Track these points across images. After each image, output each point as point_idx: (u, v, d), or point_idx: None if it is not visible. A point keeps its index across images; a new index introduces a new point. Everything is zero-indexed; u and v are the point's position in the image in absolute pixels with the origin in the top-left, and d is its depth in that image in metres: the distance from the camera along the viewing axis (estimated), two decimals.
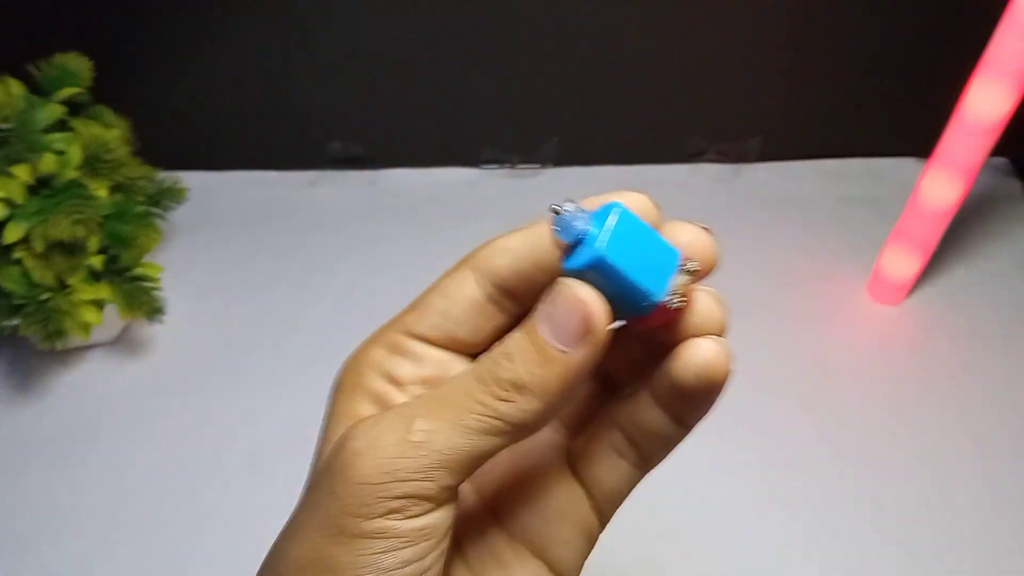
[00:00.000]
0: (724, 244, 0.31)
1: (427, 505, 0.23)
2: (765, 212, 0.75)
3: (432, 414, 0.23)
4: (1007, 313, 0.67)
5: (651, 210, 0.24)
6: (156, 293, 0.60)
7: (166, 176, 0.65)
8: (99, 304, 0.59)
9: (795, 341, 0.65)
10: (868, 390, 0.62)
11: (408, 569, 0.23)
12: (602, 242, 0.22)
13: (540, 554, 0.28)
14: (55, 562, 0.53)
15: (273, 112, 0.76)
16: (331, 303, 0.68)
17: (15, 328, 0.57)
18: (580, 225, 0.23)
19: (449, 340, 0.26)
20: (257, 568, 0.29)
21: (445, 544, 0.24)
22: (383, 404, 0.26)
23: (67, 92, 0.58)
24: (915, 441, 0.59)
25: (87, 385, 0.63)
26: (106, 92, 0.61)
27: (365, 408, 0.26)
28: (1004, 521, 0.55)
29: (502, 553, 0.27)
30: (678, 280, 0.23)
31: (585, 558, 0.29)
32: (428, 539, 0.23)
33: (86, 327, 0.58)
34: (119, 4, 0.68)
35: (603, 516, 0.28)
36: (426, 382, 0.26)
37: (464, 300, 0.26)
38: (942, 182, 0.60)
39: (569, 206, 0.23)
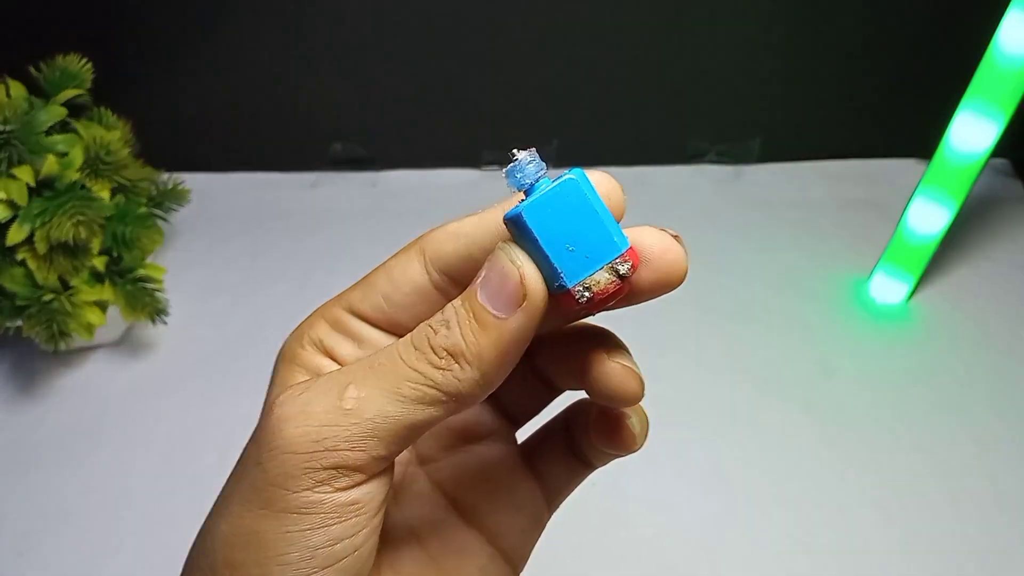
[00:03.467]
0: (725, 245, 0.31)
1: (358, 477, 0.22)
2: (765, 213, 0.75)
3: (366, 381, 0.22)
4: (1008, 313, 0.67)
5: (615, 192, 0.23)
6: (159, 294, 0.60)
7: (168, 178, 0.65)
8: (102, 305, 0.59)
9: (796, 342, 0.65)
10: (869, 391, 0.62)
11: (338, 547, 0.22)
12: (529, 201, 0.21)
13: (495, 542, 0.27)
14: (59, 562, 0.53)
15: (274, 114, 0.76)
16: None
17: (18, 329, 0.58)
18: (530, 174, 0.21)
19: (390, 323, 0.25)
20: None
21: (378, 520, 0.23)
22: None
23: (68, 94, 0.58)
24: (916, 442, 0.59)
25: (90, 386, 0.63)
26: (107, 94, 0.61)
27: (302, 380, 0.25)
28: (1006, 521, 0.55)
29: (460, 541, 0.27)
30: (598, 276, 0.22)
31: (534, 544, 0.29)
32: (359, 514, 0.22)
33: (89, 328, 0.58)
34: (120, 6, 0.68)
35: (552, 506, 0.29)
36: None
37: (408, 284, 0.25)
38: (943, 183, 0.60)
39: (524, 153, 0.21)
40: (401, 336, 0.24)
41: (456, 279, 0.24)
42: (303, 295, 0.69)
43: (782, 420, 0.60)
